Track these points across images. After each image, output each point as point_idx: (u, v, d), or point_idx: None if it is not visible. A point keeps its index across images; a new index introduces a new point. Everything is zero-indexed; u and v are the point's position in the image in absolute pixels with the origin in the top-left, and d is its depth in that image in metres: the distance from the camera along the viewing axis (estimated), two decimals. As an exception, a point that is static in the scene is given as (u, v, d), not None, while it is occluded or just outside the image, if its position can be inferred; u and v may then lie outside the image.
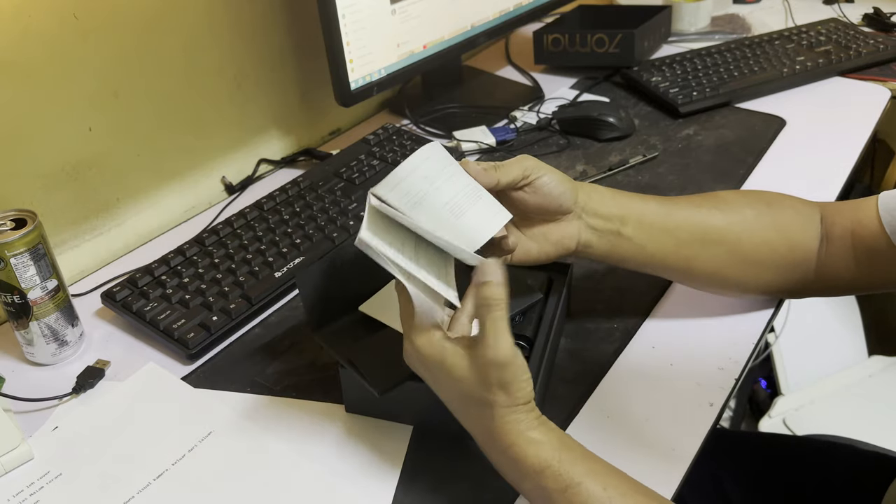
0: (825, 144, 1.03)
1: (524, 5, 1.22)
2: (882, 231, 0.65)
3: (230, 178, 1.04)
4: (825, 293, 0.73)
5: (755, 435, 1.38)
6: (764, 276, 0.71)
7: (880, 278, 0.68)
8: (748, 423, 1.62)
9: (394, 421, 0.66)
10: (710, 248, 0.68)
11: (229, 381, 0.73)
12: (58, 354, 0.76)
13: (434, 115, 1.16)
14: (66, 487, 0.63)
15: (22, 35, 0.78)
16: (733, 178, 0.97)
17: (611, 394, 0.68)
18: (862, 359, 1.65)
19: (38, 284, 0.71)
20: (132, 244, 0.95)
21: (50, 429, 0.69)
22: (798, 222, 0.70)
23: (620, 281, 0.80)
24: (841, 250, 0.68)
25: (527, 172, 0.62)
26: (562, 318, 0.72)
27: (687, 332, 0.75)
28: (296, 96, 1.10)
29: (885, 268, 0.66)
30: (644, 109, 1.16)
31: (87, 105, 0.86)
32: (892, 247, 0.65)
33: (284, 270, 0.82)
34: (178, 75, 0.94)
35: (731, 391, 0.68)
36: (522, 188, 0.63)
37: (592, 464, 0.53)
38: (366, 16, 0.97)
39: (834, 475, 0.87)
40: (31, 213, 0.71)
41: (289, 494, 0.61)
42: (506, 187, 0.62)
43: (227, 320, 0.77)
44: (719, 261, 0.69)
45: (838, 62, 1.19)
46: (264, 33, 1.02)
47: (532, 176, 0.63)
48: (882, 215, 0.65)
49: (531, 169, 0.63)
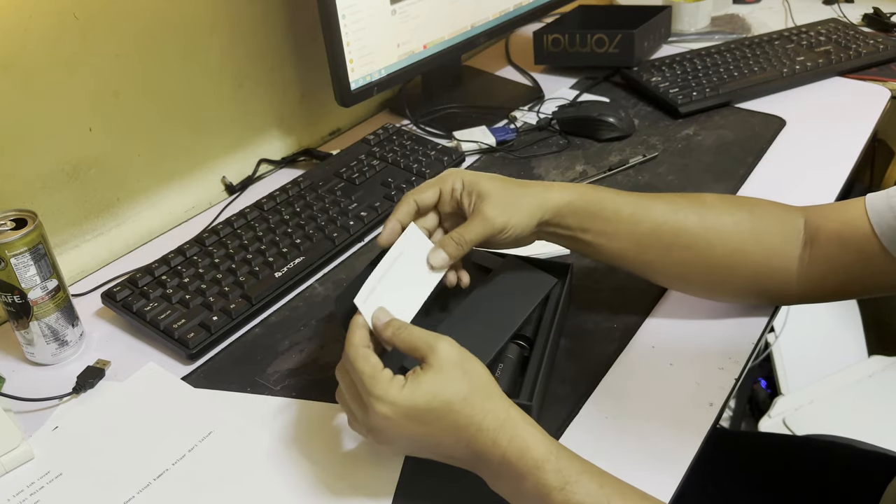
0: (825, 144, 1.03)
1: (524, 5, 1.22)
2: (871, 233, 0.64)
3: (230, 178, 1.04)
4: (812, 300, 0.72)
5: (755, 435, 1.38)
6: (734, 282, 0.71)
7: (871, 283, 0.67)
8: (748, 423, 1.62)
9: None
10: (675, 252, 0.69)
11: (229, 381, 0.73)
12: (58, 354, 0.76)
13: (434, 115, 1.16)
14: (67, 487, 0.63)
15: (22, 35, 0.78)
16: (733, 178, 0.97)
17: (611, 394, 0.68)
18: (862, 359, 1.65)
19: (38, 284, 0.71)
20: (132, 244, 0.95)
21: (50, 429, 0.69)
22: (778, 230, 0.69)
23: (620, 281, 0.80)
24: (827, 253, 0.67)
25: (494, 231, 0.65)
26: (562, 318, 0.72)
27: (687, 332, 0.75)
28: (296, 96, 1.10)
29: (875, 271, 0.65)
30: (644, 109, 1.16)
31: (87, 105, 0.86)
32: (882, 250, 0.63)
33: (284, 270, 0.82)
34: (179, 75, 0.94)
35: (730, 391, 0.68)
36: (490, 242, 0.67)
37: (584, 462, 0.53)
38: (366, 16, 0.97)
39: (833, 475, 0.87)
40: (31, 213, 0.72)
41: (289, 494, 0.61)
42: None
43: (227, 320, 0.77)
44: (683, 266, 0.70)
45: (838, 62, 1.19)
46: (264, 33, 1.02)
47: (501, 235, 0.65)
48: (871, 217, 0.64)
49: (500, 227, 0.65)
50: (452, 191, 0.66)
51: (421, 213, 0.67)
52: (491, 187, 0.65)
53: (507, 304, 0.69)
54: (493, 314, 0.68)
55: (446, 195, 0.67)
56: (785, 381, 1.58)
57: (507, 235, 0.65)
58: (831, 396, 1.57)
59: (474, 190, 0.66)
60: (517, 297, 0.69)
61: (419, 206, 0.67)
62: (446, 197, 0.67)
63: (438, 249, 0.64)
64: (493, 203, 0.65)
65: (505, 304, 0.69)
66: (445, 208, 0.68)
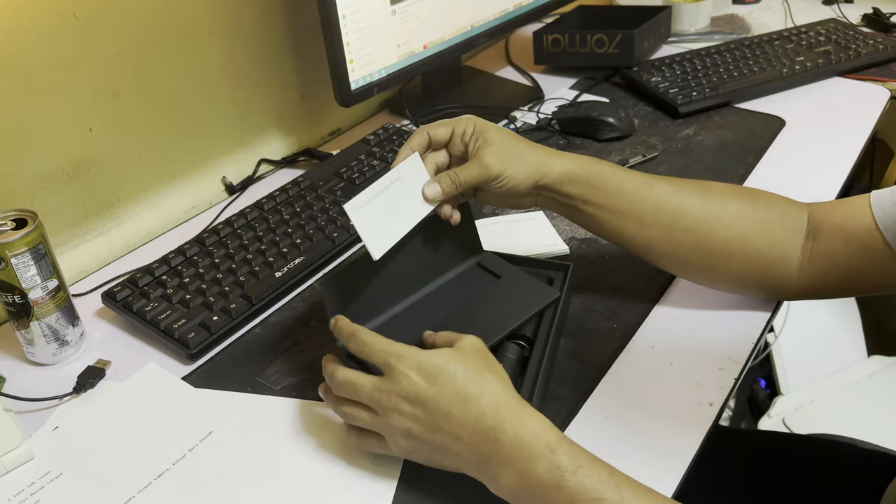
0: (825, 144, 1.04)
1: (524, 6, 1.22)
2: (875, 228, 0.65)
3: (230, 178, 1.04)
4: (812, 295, 0.72)
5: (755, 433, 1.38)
6: (733, 269, 0.71)
7: (873, 279, 0.67)
8: (748, 422, 1.62)
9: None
10: (676, 233, 0.70)
11: (229, 381, 0.73)
12: (58, 354, 0.76)
13: (434, 115, 1.16)
14: (67, 487, 0.63)
15: (22, 35, 0.78)
16: (733, 178, 0.97)
17: (611, 394, 0.68)
18: (862, 359, 1.65)
19: (38, 284, 0.72)
20: (132, 244, 0.95)
21: (50, 429, 0.69)
22: (781, 220, 0.70)
23: (620, 281, 0.80)
24: (830, 247, 0.68)
25: (489, 176, 0.67)
26: (562, 318, 0.72)
27: (687, 333, 0.75)
28: (296, 96, 1.10)
29: (877, 267, 0.65)
30: (644, 109, 1.16)
31: (87, 105, 0.86)
32: (885, 245, 0.64)
33: (285, 270, 0.82)
34: (179, 75, 0.94)
35: (730, 391, 0.68)
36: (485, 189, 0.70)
37: (588, 452, 0.53)
38: (366, 16, 0.97)
39: (834, 474, 0.87)
40: (31, 213, 0.72)
41: (289, 494, 0.61)
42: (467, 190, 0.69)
43: (227, 320, 0.77)
44: (684, 248, 0.71)
45: (838, 62, 1.19)
46: (264, 33, 1.02)
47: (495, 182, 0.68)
48: (875, 212, 0.65)
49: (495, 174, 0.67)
50: (463, 133, 0.69)
51: (433, 148, 0.70)
52: (497, 136, 0.68)
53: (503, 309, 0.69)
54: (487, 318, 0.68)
55: (457, 136, 0.69)
56: (784, 380, 1.58)
57: (502, 184, 0.68)
58: (831, 396, 1.57)
59: (481, 136, 0.68)
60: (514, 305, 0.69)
61: (431, 140, 0.69)
62: (457, 139, 0.69)
63: (434, 182, 0.67)
64: (493, 151, 0.67)
65: (500, 309, 0.69)
66: (455, 150, 0.70)
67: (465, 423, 0.54)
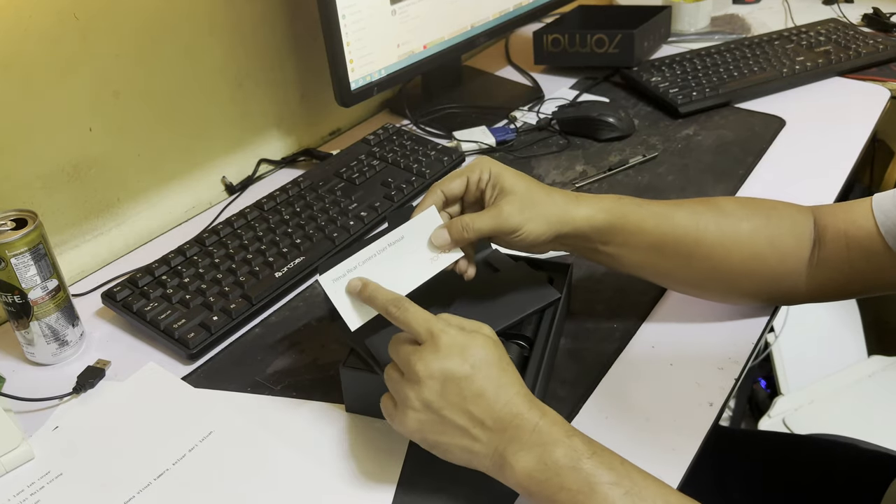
0: (825, 144, 1.03)
1: (524, 5, 1.22)
2: (877, 232, 0.65)
3: (230, 178, 1.04)
4: (818, 299, 0.72)
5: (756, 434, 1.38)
6: (748, 287, 0.71)
7: (874, 281, 0.67)
8: (748, 423, 1.62)
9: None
10: (695, 261, 0.69)
11: (229, 381, 0.73)
12: (58, 354, 0.76)
13: (434, 115, 1.16)
14: (67, 487, 0.63)
15: (22, 35, 0.78)
16: (733, 178, 0.97)
17: (611, 394, 0.68)
18: (862, 359, 1.65)
19: (38, 284, 0.72)
20: (132, 244, 0.95)
21: (50, 429, 0.69)
22: (792, 232, 0.69)
23: (620, 281, 0.80)
24: (834, 252, 0.68)
25: (507, 229, 0.63)
26: (562, 318, 0.72)
27: (687, 333, 0.75)
28: (296, 96, 1.10)
29: (879, 270, 0.66)
30: (644, 109, 1.16)
31: (87, 105, 0.86)
32: (886, 248, 0.64)
33: (285, 270, 0.82)
34: (179, 75, 0.94)
35: (730, 391, 0.68)
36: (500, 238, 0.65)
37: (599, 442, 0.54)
38: (366, 16, 0.97)
39: (834, 474, 0.87)
40: (31, 213, 0.72)
41: (289, 494, 0.61)
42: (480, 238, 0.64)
43: (227, 320, 0.77)
44: (702, 274, 0.70)
45: (838, 62, 1.19)
46: (264, 33, 1.02)
47: (513, 235, 0.64)
48: (877, 216, 0.65)
49: (513, 227, 0.63)
50: (479, 180, 0.65)
51: (448, 204, 0.66)
52: (515, 185, 0.64)
53: (503, 305, 0.68)
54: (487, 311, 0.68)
55: (472, 184, 0.66)
56: (785, 381, 1.58)
57: (519, 238, 0.64)
58: (831, 396, 1.57)
59: (498, 183, 0.64)
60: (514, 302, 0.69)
61: (446, 197, 0.65)
62: (472, 187, 0.66)
63: (443, 229, 0.63)
64: (512, 202, 0.63)
65: (501, 304, 0.69)
66: (470, 197, 0.67)
67: (494, 407, 0.54)
